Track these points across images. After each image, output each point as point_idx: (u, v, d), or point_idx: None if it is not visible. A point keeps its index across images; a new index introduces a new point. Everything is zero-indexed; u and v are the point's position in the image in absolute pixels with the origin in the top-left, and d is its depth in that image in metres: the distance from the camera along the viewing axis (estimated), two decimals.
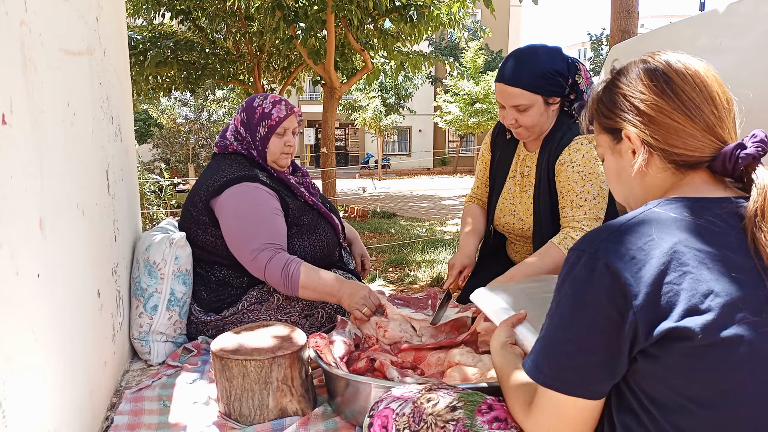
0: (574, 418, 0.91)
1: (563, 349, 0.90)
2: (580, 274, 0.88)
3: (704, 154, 0.93)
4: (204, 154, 16.15)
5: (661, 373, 0.84)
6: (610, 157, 1.06)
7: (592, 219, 1.90)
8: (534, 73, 1.88)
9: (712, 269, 0.82)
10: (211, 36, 10.66)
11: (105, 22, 2.01)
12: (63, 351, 1.36)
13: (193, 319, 2.24)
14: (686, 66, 0.95)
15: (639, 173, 0.99)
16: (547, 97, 1.91)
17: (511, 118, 1.95)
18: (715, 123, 0.92)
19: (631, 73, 0.99)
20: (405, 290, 4.08)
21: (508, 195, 2.16)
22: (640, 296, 0.82)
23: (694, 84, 0.93)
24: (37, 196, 1.21)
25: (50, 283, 1.27)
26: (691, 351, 0.80)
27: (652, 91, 0.95)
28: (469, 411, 1.08)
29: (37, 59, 1.23)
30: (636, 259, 0.84)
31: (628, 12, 6.06)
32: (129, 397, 1.84)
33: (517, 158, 2.15)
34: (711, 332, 0.79)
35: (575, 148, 1.92)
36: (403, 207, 11.88)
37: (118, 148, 2.12)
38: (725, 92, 0.95)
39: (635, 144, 0.98)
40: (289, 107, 2.27)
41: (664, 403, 0.84)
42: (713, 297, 0.80)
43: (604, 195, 1.91)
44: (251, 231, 2.09)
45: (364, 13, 7.59)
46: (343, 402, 1.65)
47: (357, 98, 24.14)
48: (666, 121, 0.93)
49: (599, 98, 1.06)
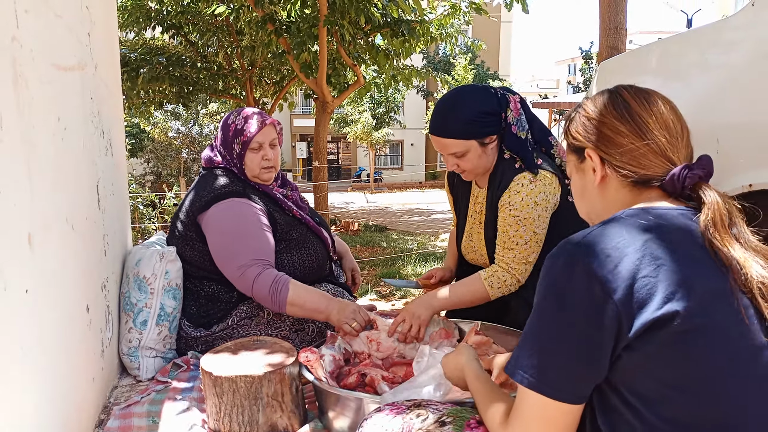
0: (556, 422, 0.93)
1: (546, 351, 0.92)
2: (558, 277, 0.93)
3: (656, 173, 1.02)
4: (195, 168, 16.10)
5: (643, 363, 0.88)
6: (575, 176, 1.16)
7: (520, 262, 1.94)
8: (462, 120, 1.90)
9: (683, 263, 0.89)
10: (203, 50, 10.67)
11: (97, 38, 2.01)
12: (51, 367, 1.35)
13: (183, 334, 2.23)
14: (646, 96, 1.07)
15: (600, 190, 1.09)
16: (481, 139, 1.92)
17: (452, 164, 1.99)
18: (666, 147, 1.02)
19: (598, 100, 1.09)
20: (394, 305, 4.07)
21: (468, 233, 2.22)
22: (619, 290, 0.87)
23: (650, 111, 1.04)
24: (26, 210, 1.21)
25: (38, 299, 1.26)
26: (671, 337, 0.86)
27: (613, 115, 1.05)
28: (458, 426, 1.08)
29: (28, 75, 1.24)
30: (611, 257, 0.89)
31: (617, 29, 6.12)
32: (117, 413, 1.82)
33: (472, 197, 2.20)
34: (689, 319, 0.85)
35: (515, 190, 1.93)
36: (395, 221, 11.89)
37: (108, 162, 2.11)
38: (680, 120, 1.05)
39: (595, 162, 1.07)
40: (261, 120, 2.22)
41: (648, 395, 0.88)
42: (688, 287, 0.87)
43: (537, 240, 1.94)
44: (238, 247, 2.08)
45: (356, 28, 7.63)
46: (334, 417, 1.64)
47: (348, 112, 24.20)
48: (621, 141, 1.04)
49: (569, 121, 1.16)
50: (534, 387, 0.92)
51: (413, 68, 9.28)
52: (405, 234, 9.22)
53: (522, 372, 0.94)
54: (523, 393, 0.94)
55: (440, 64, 27.47)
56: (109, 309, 2.01)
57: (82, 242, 1.69)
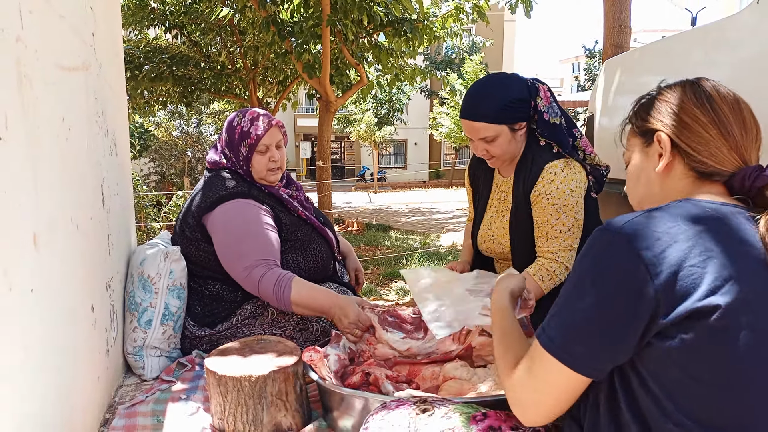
0: (565, 390, 0.96)
1: (577, 322, 0.93)
2: (601, 250, 0.93)
3: (726, 168, 1.01)
4: (200, 167, 16.14)
5: (675, 353, 0.87)
6: (637, 158, 1.13)
7: (566, 249, 1.96)
8: (495, 104, 1.93)
9: (734, 259, 0.87)
10: (206, 50, 10.69)
11: (101, 38, 2.02)
12: (56, 366, 1.35)
13: (187, 333, 2.23)
14: (728, 92, 1.05)
15: (661, 177, 1.07)
16: (512, 125, 1.96)
17: (482, 149, 2.01)
18: (741, 144, 1.01)
19: (677, 88, 1.08)
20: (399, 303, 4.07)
21: (487, 222, 2.23)
22: (662, 275, 0.86)
23: (731, 107, 1.02)
24: (31, 210, 1.21)
25: (44, 299, 1.26)
26: (708, 331, 0.85)
27: (693, 103, 1.03)
28: (464, 420, 1.09)
29: (33, 75, 1.24)
30: (661, 240, 0.88)
31: (621, 27, 6.11)
32: (122, 412, 1.83)
33: (495, 186, 2.22)
34: (730, 315, 0.84)
35: (549, 179, 1.95)
36: (399, 220, 11.88)
37: (113, 162, 2.12)
38: (756, 122, 1.04)
39: (665, 147, 1.05)
40: (267, 122, 2.22)
41: (671, 385, 0.88)
42: (734, 282, 0.85)
43: (578, 225, 1.97)
44: (244, 248, 2.09)
45: (359, 27, 7.63)
46: (338, 416, 1.64)
47: (351, 112, 24.23)
48: (699, 130, 1.02)
49: (641, 103, 1.14)
50: (557, 355, 0.94)
51: (416, 66, 9.28)
52: (408, 233, 9.21)
53: (549, 338, 0.96)
54: (544, 355, 0.96)
55: (442, 64, 27.46)
56: (113, 308, 2.02)
57: (87, 242, 1.69)
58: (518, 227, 2.07)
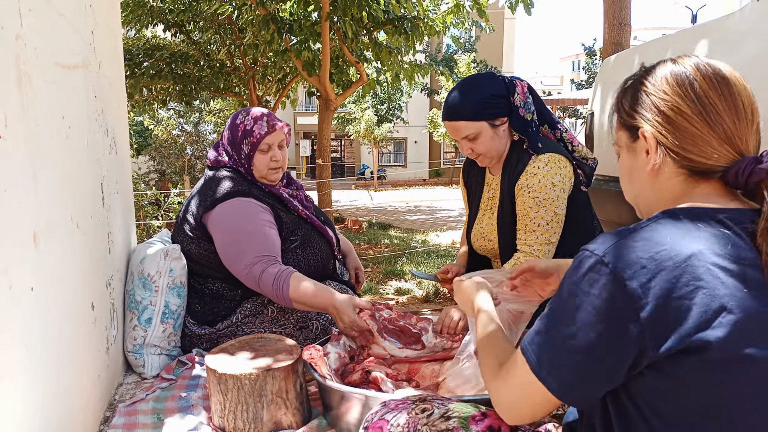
0: (542, 407, 0.94)
1: (565, 346, 0.88)
2: (585, 277, 0.86)
3: (718, 163, 0.90)
4: (200, 166, 16.12)
5: (669, 386, 0.82)
6: (624, 155, 1.04)
7: (543, 243, 1.99)
8: (471, 102, 1.98)
9: (727, 284, 0.79)
10: (205, 48, 10.68)
11: (100, 36, 2.02)
12: (56, 364, 1.35)
13: (187, 331, 2.23)
14: (714, 71, 0.93)
15: (651, 175, 0.97)
16: (491, 120, 2.00)
17: (467, 148, 2.06)
18: (734, 133, 0.89)
19: (658, 73, 0.96)
20: (399, 301, 4.07)
21: (479, 219, 2.26)
22: (648, 308, 0.80)
23: (719, 91, 0.91)
24: (31, 209, 1.21)
25: (44, 297, 1.26)
26: (704, 365, 0.79)
27: (675, 92, 0.92)
28: (463, 420, 1.09)
29: (32, 73, 1.24)
30: (646, 269, 0.81)
31: (621, 25, 6.10)
32: (122, 410, 1.83)
33: (486, 185, 2.26)
34: (724, 349, 0.78)
35: (532, 173, 1.99)
36: (399, 218, 11.88)
37: (113, 160, 2.12)
38: (751, 103, 0.92)
39: (650, 144, 0.95)
40: (271, 123, 2.22)
41: (668, 415, 0.84)
42: (726, 314, 0.78)
43: (557, 220, 1.99)
44: (244, 246, 2.09)
45: (359, 25, 7.63)
46: (338, 414, 1.64)
47: (351, 110, 24.20)
48: (684, 124, 0.91)
49: (623, 94, 1.03)
50: (538, 375, 0.90)
51: (416, 63, 9.26)
52: (409, 231, 9.21)
53: (532, 354, 0.92)
54: (525, 368, 0.93)
55: (442, 62, 27.43)
56: (113, 307, 2.02)
57: (87, 240, 1.69)
58: (504, 222, 2.10)
